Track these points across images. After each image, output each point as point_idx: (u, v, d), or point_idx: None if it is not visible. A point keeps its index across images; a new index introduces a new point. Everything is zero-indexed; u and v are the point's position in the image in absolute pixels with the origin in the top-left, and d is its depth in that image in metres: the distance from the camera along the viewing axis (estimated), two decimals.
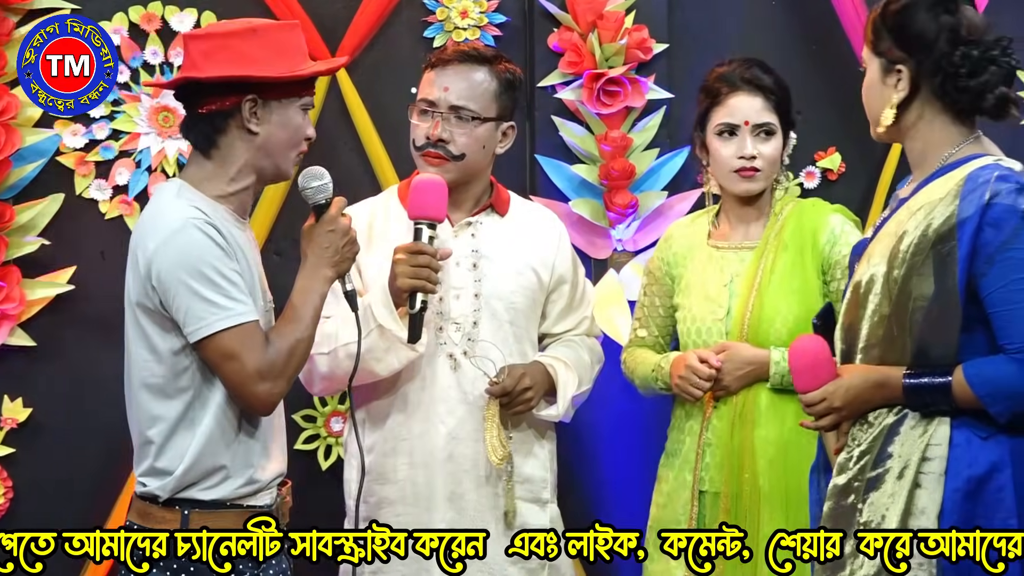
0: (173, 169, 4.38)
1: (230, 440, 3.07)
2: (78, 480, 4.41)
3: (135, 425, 3.13)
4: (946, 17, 2.94)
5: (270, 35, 3.10)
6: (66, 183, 4.39)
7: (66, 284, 4.37)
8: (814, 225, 3.66)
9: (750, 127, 3.66)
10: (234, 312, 2.99)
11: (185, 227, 3.00)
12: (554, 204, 4.48)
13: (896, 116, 2.98)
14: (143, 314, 3.06)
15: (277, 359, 3.02)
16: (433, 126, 3.64)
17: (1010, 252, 2.81)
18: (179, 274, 2.98)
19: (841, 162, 4.69)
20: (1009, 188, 2.83)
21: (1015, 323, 2.81)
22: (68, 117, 4.33)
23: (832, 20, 4.60)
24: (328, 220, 3.16)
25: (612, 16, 4.46)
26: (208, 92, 3.08)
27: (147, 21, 4.35)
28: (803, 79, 4.55)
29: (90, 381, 4.39)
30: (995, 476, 2.84)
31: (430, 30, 4.51)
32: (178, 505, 3.06)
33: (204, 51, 3.08)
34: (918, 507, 2.86)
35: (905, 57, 2.96)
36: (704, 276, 3.72)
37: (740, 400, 3.62)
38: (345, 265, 3.17)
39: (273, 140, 3.12)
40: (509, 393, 3.62)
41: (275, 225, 4.43)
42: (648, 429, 4.41)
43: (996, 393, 2.82)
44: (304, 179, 3.18)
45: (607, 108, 4.47)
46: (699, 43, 4.60)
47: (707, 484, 3.64)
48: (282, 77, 3.08)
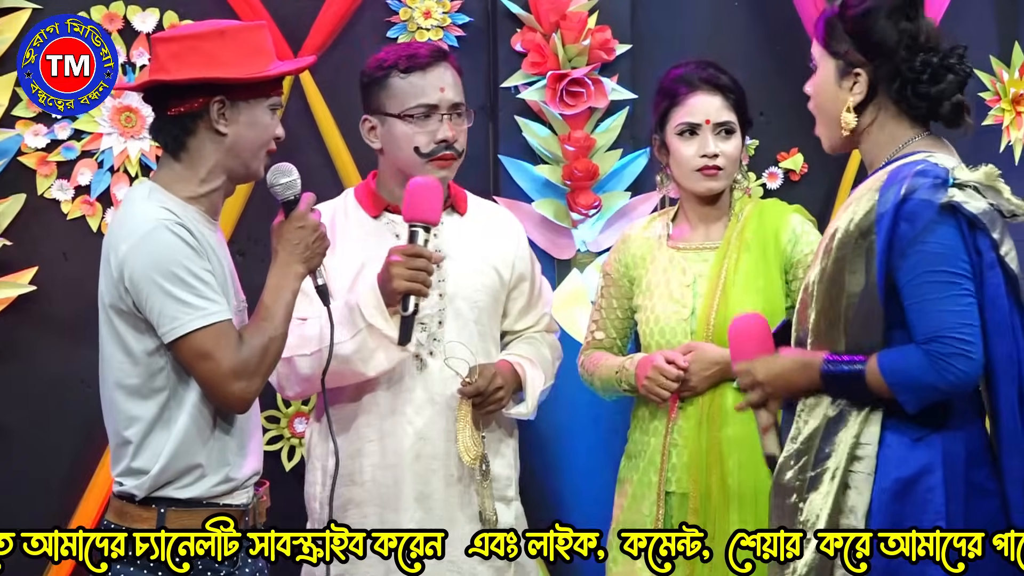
0: (136, 169, 4.37)
1: (206, 439, 3.08)
2: (39, 481, 4.40)
3: (111, 426, 3.13)
4: (906, 24, 2.96)
5: (237, 36, 3.11)
6: (28, 183, 4.37)
7: (28, 285, 4.36)
8: (775, 225, 3.68)
9: (711, 126, 3.67)
10: (207, 311, 3.01)
11: (156, 228, 3.01)
12: (517, 204, 4.48)
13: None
14: (117, 316, 3.07)
15: (251, 357, 3.03)
16: (446, 128, 3.64)
17: (922, 245, 2.83)
18: (151, 275, 3.00)
19: (803, 163, 4.71)
20: (927, 183, 2.85)
21: (923, 315, 2.83)
22: (30, 117, 4.32)
23: (794, 21, 4.61)
24: (297, 216, 3.16)
25: (575, 17, 4.46)
26: (176, 94, 3.09)
27: (109, 21, 4.31)
28: (766, 80, 4.56)
29: (52, 382, 4.38)
30: (925, 478, 2.86)
31: (393, 30, 4.51)
32: (154, 504, 3.07)
33: (172, 53, 3.09)
34: (847, 506, 2.88)
35: (864, 61, 2.98)
36: (666, 277, 3.72)
37: (707, 400, 3.62)
38: (316, 260, 3.18)
39: (242, 140, 3.13)
40: (482, 393, 3.62)
41: (238, 225, 4.41)
42: (610, 429, 4.43)
43: (904, 383, 2.84)
44: (272, 176, 3.18)
45: (570, 109, 4.47)
46: (662, 44, 4.60)
47: (674, 485, 3.63)
48: (250, 78, 3.09)
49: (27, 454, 4.42)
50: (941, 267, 2.83)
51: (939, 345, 2.81)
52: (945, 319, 2.82)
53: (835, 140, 3.07)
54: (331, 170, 4.48)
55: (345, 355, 3.51)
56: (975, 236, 2.86)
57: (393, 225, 3.69)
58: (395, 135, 3.66)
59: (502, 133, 4.56)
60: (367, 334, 3.51)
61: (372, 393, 3.64)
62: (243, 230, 4.41)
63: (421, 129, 3.64)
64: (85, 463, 4.36)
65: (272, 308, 3.09)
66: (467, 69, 4.46)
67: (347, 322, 3.50)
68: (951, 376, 2.81)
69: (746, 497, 3.55)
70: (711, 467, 3.59)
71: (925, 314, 2.83)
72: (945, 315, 2.82)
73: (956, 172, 2.88)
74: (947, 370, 2.81)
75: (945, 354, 2.81)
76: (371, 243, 3.63)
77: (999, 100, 4.76)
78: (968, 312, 2.83)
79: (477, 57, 4.55)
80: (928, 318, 2.83)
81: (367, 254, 3.62)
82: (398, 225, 3.67)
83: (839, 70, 3.01)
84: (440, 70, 3.67)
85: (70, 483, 4.39)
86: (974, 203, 2.86)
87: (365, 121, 3.71)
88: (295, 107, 4.46)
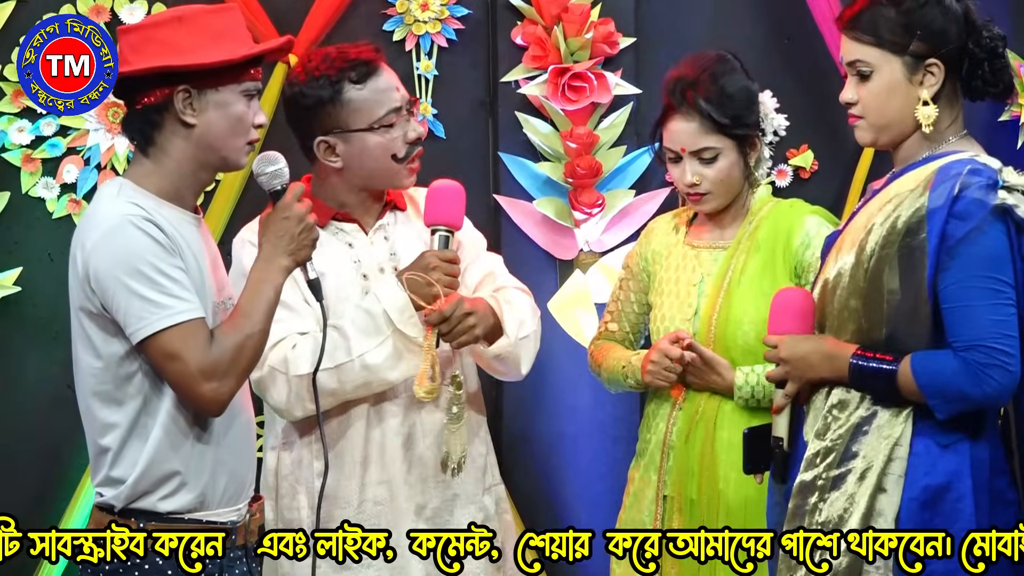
0: (123, 166, 4.31)
1: (182, 447, 2.99)
2: (22, 485, 4.36)
3: (89, 435, 3.05)
4: (957, 4, 2.97)
5: (198, 21, 3.01)
6: (12, 181, 4.33)
7: (12, 286, 4.32)
8: (789, 226, 3.58)
9: (687, 153, 3.57)
10: (175, 310, 2.91)
11: (121, 224, 2.92)
12: (518, 203, 4.45)
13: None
14: (86, 318, 2.98)
15: (222, 357, 2.93)
16: (416, 125, 3.54)
17: (971, 247, 2.82)
18: (116, 273, 2.91)
19: (814, 160, 4.66)
20: (980, 182, 2.83)
21: (965, 320, 2.82)
22: (14, 113, 4.28)
23: (804, 14, 4.55)
24: (282, 207, 3.05)
25: (577, 9, 4.41)
26: (140, 87, 3.00)
27: (96, 14, 4.28)
28: (774, 75, 4.53)
29: (36, 385, 4.35)
30: (954, 486, 2.85)
31: (389, 23, 4.46)
32: (135, 517, 2.99)
33: (132, 44, 3.01)
34: (876, 509, 2.87)
35: (934, 50, 2.95)
36: (677, 275, 3.66)
37: (703, 401, 3.56)
38: (303, 253, 3.05)
39: (213, 131, 3.02)
40: (448, 319, 3.44)
41: (229, 224, 4.36)
42: (613, 436, 4.41)
43: (937, 389, 2.83)
44: (258, 165, 3.07)
45: (572, 104, 4.42)
46: (667, 37, 4.55)
47: (669, 488, 3.58)
48: (212, 63, 2.98)
49: (11, 456, 4.38)
50: (988, 273, 2.82)
51: (978, 354, 2.80)
52: (987, 328, 2.81)
53: (892, 138, 3.01)
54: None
55: (375, 364, 3.41)
56: (1021, 241, 2.85)
57: (343, 234, 3.56)
58: (367, 149, 3.51)
59: (502, 129, 4.50)
60: (394, 340, 3.41)
61: (355, 407, 3.52)
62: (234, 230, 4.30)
63: (394, 135, 3.52)
64: (70, 467, 4.33)
65: (251, 304, 2.98)
66: (466, 63, 4.43)
67: (371, 330, 3.39)
68: (988, 388, 2.80)
69: (735, 505, 3.49)
70: (703, 471, 3.52)
71: (966, 320, 2.82)
72: (987, 324, 2.81)
73: (1005, 174, 2.87)
74: (985, 381, 2.80)
75: (984, 364, 2.80)
76: (326, 252, 3.48)
77: (1017, 95, 4.67)
78: (1010, 323, 2.82)
79: (476, 51, 4.51)
80: (969, 325, 2.82)
81: (323, 265, 3.43)
82: (348, 234, 3.55)
83: (908, 66, 2.96)
84: (386, 71, 3.55)
85: (55, 487, 4.36)
86: (1023, 208, 2.85)
87: (320, 144, 3.51)
88: None
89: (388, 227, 3.59)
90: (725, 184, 3.58)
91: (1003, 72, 2.98)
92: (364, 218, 3.58)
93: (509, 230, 4.45)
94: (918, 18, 2.95)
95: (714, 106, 3.54)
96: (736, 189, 3.61)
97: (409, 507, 3.54)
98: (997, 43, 2.96)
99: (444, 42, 4.44)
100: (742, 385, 3.49)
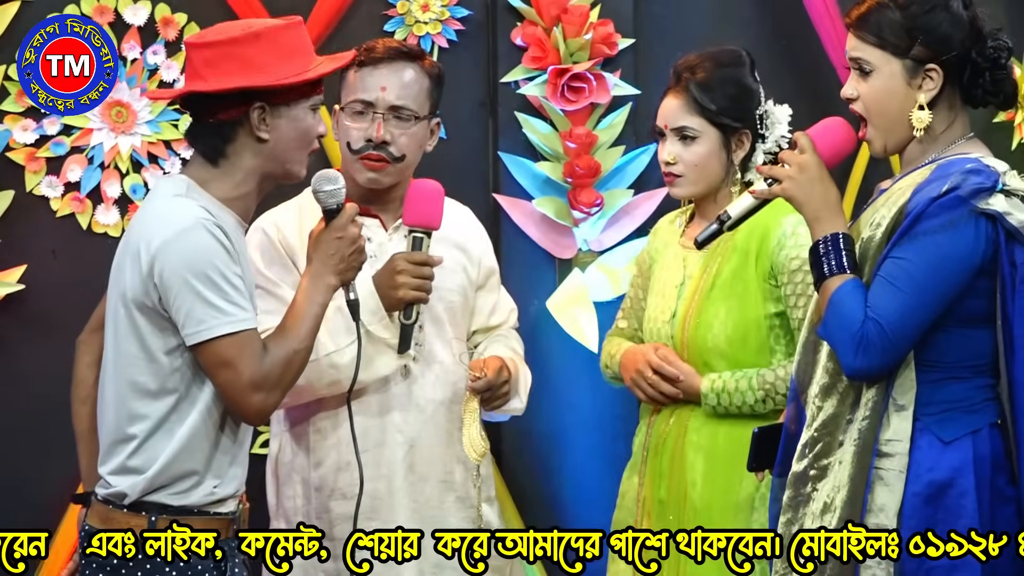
0: (127, 166, 4.32)
1: (206, 447, 3.01)
2: (28, 481, 4.35)
3: (112, 422, 3.03)
4: (964, 12, 2.96)
5: (274, 38, 3.00)
6: (16, 179, 4.32)
7: (16, 283, 4.31)
8: (765, 227, 3.53)
9: (669, 130, 3.57)
10: (236, 318, 2.93)
11: (195, 227, 2.92)
12: (517, 203, 4.46)
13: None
14: (139, 312, 2.97)
15: (272, 370, 2.96)
16: (375, 128, 3.55)
17: (933, 237, 2.83)
18: (184, 274, 2.91)
19: None
20: (975, 181, 2.84)
21: (883, 295, 2.84)
22: (19, 112, 4.28)
23: (801, 15, 4.56)
24: (337, 227, 3.07)
25: (577, 10, 4.42)
26: (214, 102, 2.99)
27: (99, 14, 4.26)
28: (771, 75, 4.48)
29: (41, 382, 4.32)
30: (957, 482, 2.85)
31: (390, 24, 4.46)
32: (145, 510, 2.99)
33: (207, 60, 2.98)
34: (876, 504, 2.87)
35: (935, 55, 2.95)
36: (664, 275, 3.66)
37: (678, 406, 3.57)
38: (350, 274, 3.09)
39: (283, 145, 3.03)
40: (491, 387, 3.57)
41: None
42: (612, 434, 4.41)
43: (831, 326, 2.88)
44: (317, 182, 3.10)
45: (572, 104, 4.43)
46: (666, 38, 4.55)
47: (646, 489, 3.59)
48: (291, 82, 3.00)
49: (16, 454, 4.38)
50: (932, 267, 2.83)
51: (874, 327, 2.82)
52: (895, 312, 2.83)
53: (896, 142, 3.02)
54: (327, 166, 4.38)
55: (344, 364, 3.44)
56: (1012, 248, 2.85)
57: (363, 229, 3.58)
58: (340, 127, 3.62)
59: (502, 129, 4.51)
60: (365, 341, 3.41)
61: (356, 402, 3.53)
62: None
63: (355, 125, 3.57)
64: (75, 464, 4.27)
65: (298, 321, 3.01)
66: (466, 64, 4.43)
67: (342, 329, 3.42)
68: (859, 361, 2.84)
69: (700, 507, 3.49)
70: (672, 473, 3.54)
71: (885, 296, 2.84)
72: (899, 309, 2.83)
73: (1007, 178, 2.87)
74: (860, 354, 2.84)
75: (871, 341, 2.83)
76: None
77: None
78: (921, 323, 2.84)
79: (476, 52, 4.51)
80: (885, 301, 2.83)
81: None
82: (368, 229, 3.56)
83: (908, 69, 2.96)
84: (391, 69, 3.58)
85: (60, 483, 4.27)
86: (1017, 215, 2.84)
87: (334, 112, 3.66)
88: None
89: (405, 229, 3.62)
90: (699, 170, 3.56)
91: (1004, 83, 2.97)
92: (385, 215, 3.63)
93: (509, 229, 4.46)
94: (922, 23, 2.95)
95: (702, 89, 3.55)
96: (712, 180, 3.58)
97: (406, 504, 3.56)
98: (1001, 53, 2.95)
99: (444, 43, 4.45)
100: (707, 393, 3.49)
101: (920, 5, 2.96)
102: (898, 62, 2.97)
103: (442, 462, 3.60)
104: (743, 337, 3.50)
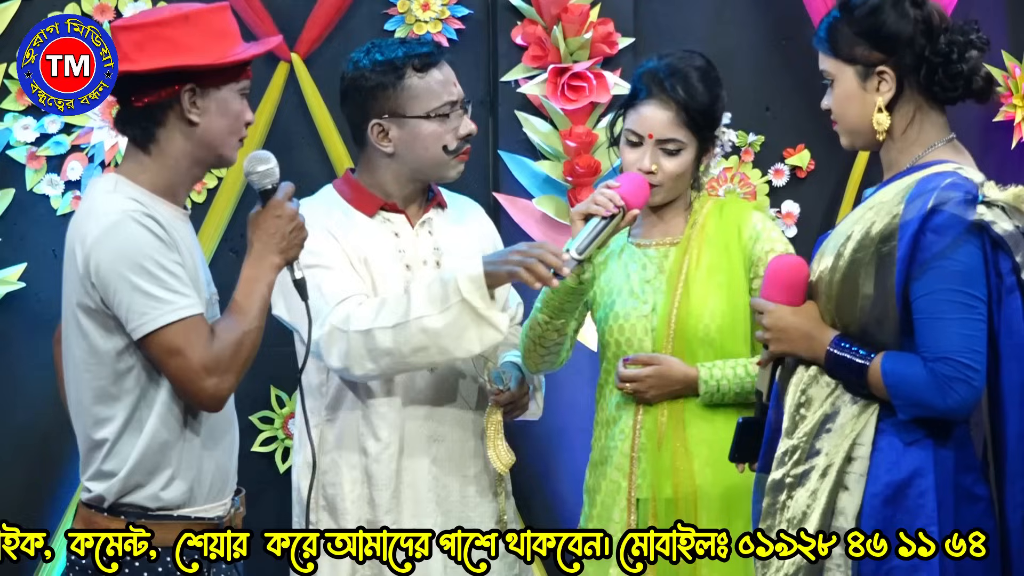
0: None
1: (175, 442, 3.00)
2: (27, 480, 4.37)
3: (81, 429, 3.05)
4: (915, 11, 2.94)
5: (203, 20, 3.01)
6: (16, 178, 4.33)
7: (17, 282, 4.32)
8: (737, 222, 3.60)
9: (653, 141, 3.56)
10: (177, 306, 2.92)
11: (123, 220, 2.92)
12: (518, 201, 4.46)
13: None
14: (84, 314, 2.98)
15: (223, 353, 2.95)
16: (469, 123, 3.59)
17: (945, 261, 2.83)
18: (119, 268, 2.91)
19: (810, 159, 4.67)
20: (958, 198, 2.83)
21: (935, 332, 2.83)
22: (19, 110, 4.29)
23: (801, 14, 4.56)
24: (274, 205, 3.06)
25: (577, 9, 4.42)
26: (143, 84, 3.00)
27: (100, 12, 4.29)
28: (772, 74, 4.55)
29: (40, 380, 4.31)
30: (916, 482, 2.86)
31: (391, 23, 4.46)
32: (123, 513, 2.99)
33: (136, 42, 2.99)
34: (838, 507, 2.88)
35: (883, 57, 2.95)
36: (627, 273, 3.64)
37: (666, 403, 3.56)
38: (293, 252, 3.08)
39: (213, 129, 3.03)
40: (514, 400, 3.62)
41: (231, 223, 4.37)
42: None
43: (902, 393, 2.85)
44: (249, 163, 3.08)
45: (572, 103, 4.44)
46: (666, 37, 4.55)
47: (644, 491, 3.57)
48: (220, 63, 3.00)
49: (16, 454, 4.39)
50: (961, 287, 2.83)
51: (945, 366, 2.81)
52: (955, 341, 2.82)
53: (864, 144, 3.04)
54: (326, 165, 4.44)
55: (435, 329, 3.37)
56: (997, 257, 2.85)
57: (389, 224, 3.61)
58: (420, 136, 3.55)
59: (502, 128, 4.52)
60: (460, 309, 3.37)
61: (379, 399, 3.57)
62: (237, 228, 4.37)
63: (448, 127, 3.57)
64: (73, 465, 4.27)
65: (246, 301, 3.00)
66: (466, 62, 4.44)
67: (437, 297, 3.38)
68: (951, 400, 2.82)
69: (713, 497, 3.51)
70: (677, 470, 3.53)
71: (936, 332, 2.83)
72: (956, 337, 2.82)
73: (986, 189, 2.87)
74: (948, 394, 2.82)
75: (949, 377, 2.81)
76: (373, 239, 3.57)
77: (1011, 96, 4.70)
78: (978, 338, 2.83)
79: (476, 50, 4.52)
80: (938, 336, 2.83)
81: (368, 250, 3.55)
82: (394, 224, 3.60)
83: (859, 75, 2.97)
84: (447, 65, 3.62)
85: (57, 485, 4.36)
86: (1001, 224, 2.84)
87: (375, 127, 3.56)
88: (290, 101, 4.43)
89: (432, 222, 3.64)
90: (678, 180, 3.57)
91: (959, 77, 2.92)
92: (410, 210, 3.62)
93: (509, 228, 4.45)
94: (866, 26, 2.95)
95: (696, 105, 3.55)
96: (683, 188, 3.61)
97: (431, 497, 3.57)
98: (955, 48, 2.92)
99: (445, 41, 4.45)
100: (707, 380, 3.50)
101: (863, 8, 2.96)
102: (850, 68, 2.97)
103: (463, 458, 3.61)
104: (732, 326, 3.52)
